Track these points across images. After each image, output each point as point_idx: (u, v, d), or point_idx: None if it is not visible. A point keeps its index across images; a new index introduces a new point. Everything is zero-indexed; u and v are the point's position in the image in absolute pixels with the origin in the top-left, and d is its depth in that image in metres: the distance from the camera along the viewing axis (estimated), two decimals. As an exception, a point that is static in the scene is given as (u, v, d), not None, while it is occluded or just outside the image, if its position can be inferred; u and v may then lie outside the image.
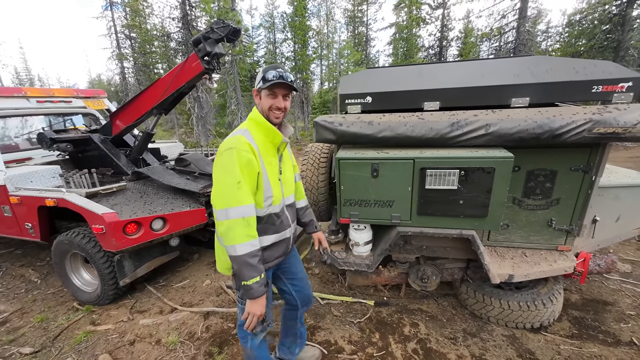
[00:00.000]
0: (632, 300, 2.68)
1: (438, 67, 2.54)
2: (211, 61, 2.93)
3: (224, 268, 1.56)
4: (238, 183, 1.32)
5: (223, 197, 1.32)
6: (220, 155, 1.34)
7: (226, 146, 1.34)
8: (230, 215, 1.30)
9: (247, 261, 1.31)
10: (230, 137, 1.38)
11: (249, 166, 1.34)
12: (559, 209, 2.22)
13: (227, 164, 1.31)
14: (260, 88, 1.43)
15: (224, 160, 1.33)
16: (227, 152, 1.32)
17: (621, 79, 1.87)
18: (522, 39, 14.32)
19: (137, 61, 18.87)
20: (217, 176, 1.35)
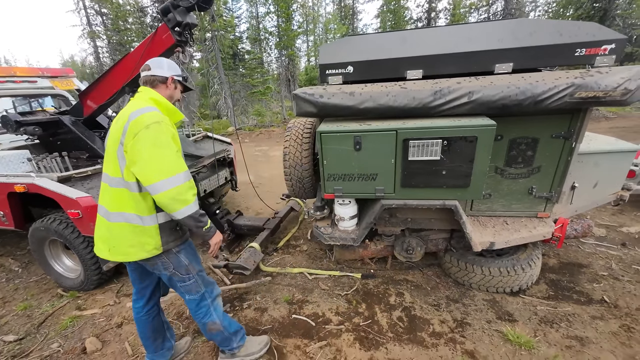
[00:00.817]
0: (605, 262, 2.81)
1: (420, 33, 2.44)
2: (183, 32, 2.73)
3: (150, 249, 1.50)
4: (177, 152, 1.46)
5: (165, 166, 1.39)
6: (147, 129, 1.36)
7: (151, 120, 1.39)
8: (179, 180, 1.41)
9: (200, 212, 1.52)
10: (145, 112, 1.41)
11: (175, 139, 1.49)
12: (540, 176, 2.25)
13: (160, 137, 1.39)
14: (179, 81, 1.68)
15: (154, 133, 1.38)
16: (156, 126, 1.39)
17: (604, 41, 1.82)
18: (510, 9, 14.04)
19: (110, 39, 17.72)
20: (150, 150, 1.37)
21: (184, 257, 1.64)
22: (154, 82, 1.59)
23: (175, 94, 1.68)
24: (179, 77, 1.67)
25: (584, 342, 1.96)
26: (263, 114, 15.89)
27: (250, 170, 4.36)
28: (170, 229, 1.57)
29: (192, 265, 1.67)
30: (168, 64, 1.63)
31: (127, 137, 1.37)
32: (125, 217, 1.47)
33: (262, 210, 4.44)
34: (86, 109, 3.41)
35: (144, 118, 1.38)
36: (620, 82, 1.70)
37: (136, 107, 1.44)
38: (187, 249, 1.69)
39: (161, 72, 1.59)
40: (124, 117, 1.42)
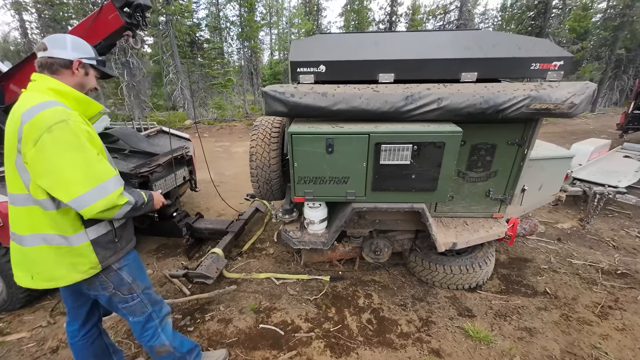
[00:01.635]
0: (545, 256, 3.14)
1: (393, 37, 2.45)
2: (134, 14, 2.42)
3: (86, 270, 1.27)
4: (97, 155, 1.19)
5: (87, 175, 1.13)
6: (50, 132, 1.07)
7: (54, 119, 1.08)
8: (108, 189, 1.18)
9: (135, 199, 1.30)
10: (43, 110, 1.09)
11: (92, 138, 1.21)
12: (496, 180, 2.40)
13: (70, 139, 1.11)
14: (92, 65, 1.31)
15: (61, 135, 1.09)
16: (62, 125, 1.09)
17: (554, 58, 1.98)
18: (463, 19, 15.08)
19: (42, 14, 15.43)
20: (61, 158, 1.09)
21: (126, 274, 1.41)
22: (52, 67, 1.21)
23: (87, 82, 1.32)
24: (90, 60, 1.30)
25: (532, 332, 2.15)
26: (224, 108, 15.14)
27: (211, 167, 4.09)
28: (107, 242, 1.33)
29: (136, 282, 1.45)
30: (73, 43, 1.26)
31: (24, 144, 1.08)
32: (44, 239, 1.21)
33: (225, 211, 4.20)
34: (9, 94, 2.87)
35: (43, 118, 1.07)
36: (567, 96, 1.86)
37: (30, 102, 1.10)
38: (131, 264, 1.45)
39: (62, 53, 1.21)
40: (16, 117, 1.10)
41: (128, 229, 1.48)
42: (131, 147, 3.24)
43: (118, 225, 1.38)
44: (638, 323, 2.23)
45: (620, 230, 3.66)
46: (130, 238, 1.48)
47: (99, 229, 1.31)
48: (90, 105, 1.30)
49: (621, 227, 3.73)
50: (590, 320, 2.26)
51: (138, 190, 1.41)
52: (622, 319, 2.27)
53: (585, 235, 3.54)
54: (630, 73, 19.03)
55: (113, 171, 1.23)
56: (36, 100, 1.11)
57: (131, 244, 1.48)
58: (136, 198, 1.31)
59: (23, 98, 1.16)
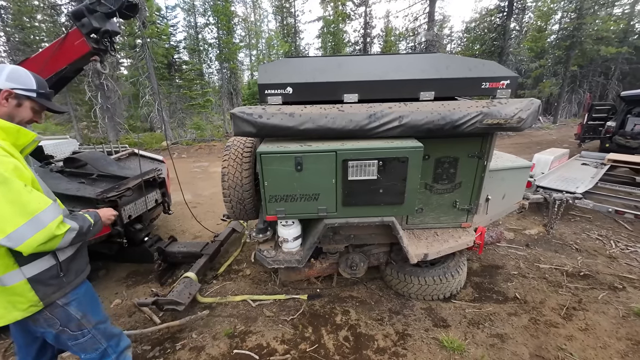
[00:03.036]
0: (515, 262, 3.26)
1: (356, 60, 2.60)
2: (101, 40, 2.44)
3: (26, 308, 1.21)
4: (25, 186, 1.11)
5: (18, 209, 1.07)
6: None
7: None
8: (45, 220, 1.11)
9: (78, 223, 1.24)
10: None
11: (18, 171, 1.11)
12: (461, 191, 2.52)
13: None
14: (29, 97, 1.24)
15: None
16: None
17: (502, 77, 2.17)
18: (431, 40, 16.08)
19: (10, 37, 15.02)
20: None
21: (74, 309, 1.33)
22: None
23: (18, 113, 1.23)
24: (27, 92, 1.23)
25: (503, 338, 2.21)
26: (203, 128, 15.05)
27: (188, 188, 4.03)
28: (49, 278, 1.25)
29: (87, 317, 1.36)
30: (10, 73, 1.21)
31: None
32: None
33: (201, 233, 4.10)
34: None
35: None
36: (515, 112, 2.03)
37: None
38: (81, 297, 1.36)
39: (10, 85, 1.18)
40: None
41: (79, 259, 1.39)
42: (99, 171, 3.15)
43: (64, 258, 1.30)
44: (599, 322, 2.35)
45: (582, 233, 3.89)
46: (81, 269, 1.40)
47: (40, 264, 1.22)
48: (20, 134, 1.22)
49: (583, 230, 3.97)
50: (557, 323, 2.35)
51: (81, 213, 1.36)
52: (585, 319, 2.38)
53: (550, 240, 3.73)
54: (585, 87, 20.80)
55: (48, 201, 1.17)
56: None
57: (82, 275, 1.40)
58: (80, 223, 1.26)
59: None
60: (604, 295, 2.66)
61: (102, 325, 1.44)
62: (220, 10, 15.22)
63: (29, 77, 1.27)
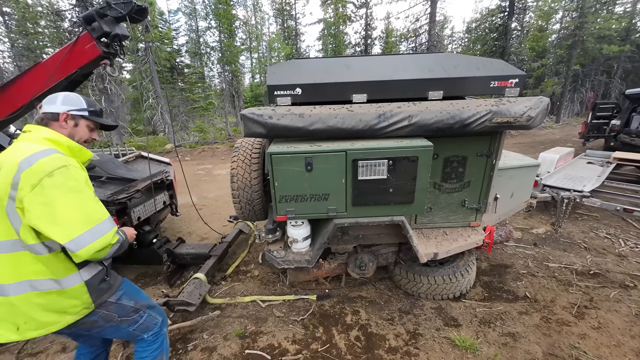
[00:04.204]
0: (524, 261, 3.25)
1: (364, 60, 2.61)
2: (111, 44, 2.47)
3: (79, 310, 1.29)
4: (94, 197, 1.26)
5: (86, 215, 1.19)
6: (51, 177, 1.13)
7: (54, 165, 1.15)
8: (104, 229, 1.22)
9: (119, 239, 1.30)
10: (43, 157, 1.15)
11: (89, 184, 1.26)
12: (470, 190, 2.52)
13: (70, 183, 1.17)
14: (83, 116, 1.39)
15: (62, 179, 1.16)
16: (63, 170, 1.17)
17: (510, 76, 2.18)
18: (433, 41, 16.11)
19: (15, 43, 15.19)
20: (62, 200, 1.15)
21: (126, 300, 1.46)
22: (43, 121, 1.32)
23: (77, 133, 1.38)
24: (80, 111, 1.38)
25: (515, 337, 2.20)
26: (205, 131, 15.11)
27: (193, 190, 4.04)
28: (100, 282, 1.36)
29: (139, 302, 1.51)
30: (64, 98, 1.36)
31: (20, 189, 1.11)
32: (33, 285, 1.19)
33: (208, 234, 4.11)
34: (-22, 124, 2.79)
35: (44, 164, 1.13)
36: (524, 110, 2.03)
37: (27, 151, 1.16)
38: (127, 290, 1.49)
39: (52, 107, 1.33)
40: (10, 165, 1.13)
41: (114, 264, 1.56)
42: (108, 174, 3.18)
43: (107, 263, 1.42)
44: (612, 320, 2.33)
45: (590, 232, 3.87)
46: (116, 272, 1.53)
47: (92, 269, 1.33)
48: (82, 153, 1.37)
49: (591, 229, 3.95)
50: (569, 321, 2.34)
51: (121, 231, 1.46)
52: (597, 317, 2.37)
53: (558, 238, 3.71)
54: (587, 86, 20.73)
55: (107, 212, 1.29)
56: (33, 149, 1.17)
57: (119, 276, 1.53)
58: (123, 237, 1.36)
59: (17, 148, 1.20)
60: (615, 294, 2.65)
61: (152, 303, 1.59)
62: (222, 14, 15.31)
63: (79, 98, 1.42)
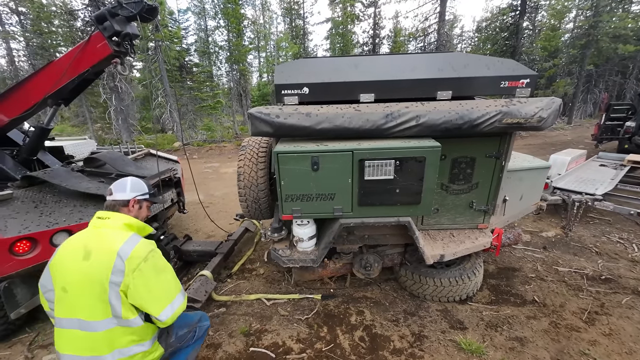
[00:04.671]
0: (532, 264, 3.20)
1: (372, 60, 2.59)
2: (122, 43, 2.51)
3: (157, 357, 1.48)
4: (172, 270, 1.47)
5: (171, 290, 1.40)
6: (146, 261, 1.33)
7: (145, 250, 1.36)
8: (181, 299, 1.44)
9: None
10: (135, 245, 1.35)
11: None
12: (478, 191, 2.49)
13: (159, 264, 1.39)
14: (147, 199, 1.62)
15: (154, 262, 1.36)
16: (153, 254, 1.38)
17: (521, 76, 2.14)
18: (442, 40, 15.93)
19: (29, 42, 15.54)
20: (155, 280, 1.35)
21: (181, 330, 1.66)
22: (115, 207, 1.51)
23: (140, 213, 1.61)
24: (144, 195, 1.61)
25: (523, 342, 2.16)
26: (213, 129, 15.25)
27: (200, 188, 4.08)
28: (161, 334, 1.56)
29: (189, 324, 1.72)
30: (131, 185, 1.58)
31: (126, 276, 1.28)
32: (122, 352, 1.34)
33: (214, 232, 4.15)
34: (-7, 122, 2.87)
35: (139, 252, 1.33)
36: (536, 111, 1.99)
37: (119, 239, 1.34)
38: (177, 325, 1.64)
39: (122, 195, 1.53)
40: (106, 253, 1.29)
41: None
42: (118, 171, 3.23)
43: None
44: (624, 327, 2.27)
45: (602, 236, 3.78)
46: None
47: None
48: (145, 229, 1.57)
49: (602, 233, 3.85)
50: (578, 327, 2.29)
51: None
52: (609, 324, 2.31)
53: (569, 242, 3.64)
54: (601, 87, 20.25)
55: (179, 283, 1.49)
56: (123, 237, 1.36)
57: None
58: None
59: (104, 235, 1.37)
60: (627, 300, 2.58)
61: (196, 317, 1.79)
62: (231, 13, 15.41)
63: (142, 184, 1.64)
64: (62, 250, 1.36)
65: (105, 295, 1.26)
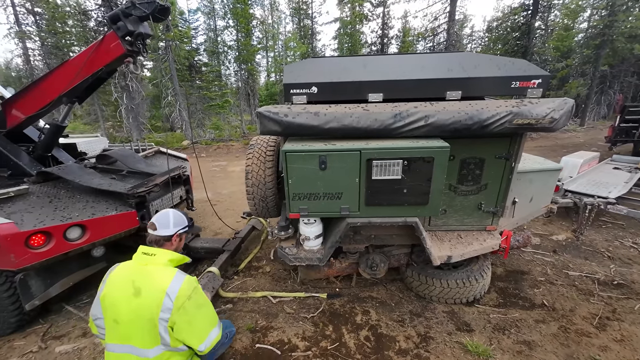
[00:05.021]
0: (542, 268, 3.14)
1: (380, 59, 2.59)
2: (135, 42, 2.55)
3: None
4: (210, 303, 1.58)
5: (211, 321, 1.54)
6: (190, 299, 1.42)
7: (189, 288, 1.45)
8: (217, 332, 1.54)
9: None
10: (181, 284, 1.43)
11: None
12: (487, 193, 2.46)
13: (200, 300, 1.49)
14: (185, 232, 1.72)
15: (196, 299, 1.46)
16: (196, 291, 1.48)
17: (533, 76, 2.11)
18: (451, 40, 15.76)
19: (44, 42, 15.93)
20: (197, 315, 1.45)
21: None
22: (159, 242, 1.61)
23: (180, 245, 1.71)
24: (184, 228, 1.72)
25: (531, 345, 2.13)
26: (221, 128, 15.39)
27: (208, 186, 4.13)
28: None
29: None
30: (174, 220, 1.66)
31: (173, 315, 1.38)
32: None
33: (221, 230, 4.19)
34: (11, 119, 2.96)
35: (184, 291, 1.42)
36: (547, 112, 1.96)
37: (166, 278, 1.43)
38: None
39: (166, 231, 1.62)
40: (155, 291, 1.39)
41: None
42: (129, 168, 3.29)
43: None
44: (636, 333, 2.22)
45: (615, 240, 3.69)
46: None
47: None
48: (183, 260, 1.68)
49: (615, 237, 3.77)
50: (589, 332, 2.25)
51: None
52: (620, 329, 2.26)
53: (580, 246, 3.57)
54: (616, 88, 19.74)
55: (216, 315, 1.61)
56: (169, 276, 1.45)
57: None
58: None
59: (151, 273, 1.45)
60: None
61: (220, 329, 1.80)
62: (240, 13, 15.51)
63: (182, 217, 1.73)
64: (112, 284, 1.46)
65: (155, 330, 1.38)
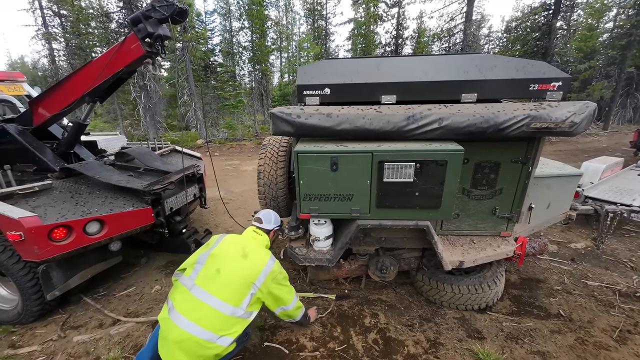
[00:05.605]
0: (558, 276, 3.04)
1: (394, 61, 2.57)
2: (154, 44, 2.62)
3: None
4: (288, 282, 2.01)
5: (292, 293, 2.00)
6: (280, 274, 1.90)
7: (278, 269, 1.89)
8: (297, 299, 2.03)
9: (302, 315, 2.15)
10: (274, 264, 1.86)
11: None
12: (502, 198, 2.40)
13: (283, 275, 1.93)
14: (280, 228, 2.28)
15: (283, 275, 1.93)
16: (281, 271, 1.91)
17: (553, 79, 2.04)
18: (468, 41, 15.45)
19: (69, 43, 16.60)
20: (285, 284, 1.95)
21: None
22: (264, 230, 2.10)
23: (274, 239, 2.09)
24: (279, 227, 2.23)
25: (545, 356, 2.07)
26: (234, 128, 15.61)
27: (220, 185, 4.20)
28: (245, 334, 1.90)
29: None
30: (274, 219, 2.18)
31: (264, 284, 1.77)
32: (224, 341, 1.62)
33: (233, 228, 4.26)
34: (37, 117, 3.10)
35: (276, 267, 1.87)
36: (567, 116, 1.90)
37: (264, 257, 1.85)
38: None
39: (268, 226, 2.13)
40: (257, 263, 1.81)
41: None
42: (145, 166, 3.39)
43: None
44: (660, 349, 2.12)
45: (638, 250, 3.53)
46: None
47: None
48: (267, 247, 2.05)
49: (639, 247, 3.60)
50: (608, 345, 2.16)
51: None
52: (642, 344, 2.17)
53: (600, 255, 3.43)
54: (642, 90, 18.82)
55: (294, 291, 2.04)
56: (267, 254, 1.89)
57: None
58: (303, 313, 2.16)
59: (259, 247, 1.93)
60: (664, 320, 2.40)
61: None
62: (255, 14, 15.70)
63: (279, 218, 2.24)
64: (226, 244, 1.87)
65: (245, 291, 1.70)
